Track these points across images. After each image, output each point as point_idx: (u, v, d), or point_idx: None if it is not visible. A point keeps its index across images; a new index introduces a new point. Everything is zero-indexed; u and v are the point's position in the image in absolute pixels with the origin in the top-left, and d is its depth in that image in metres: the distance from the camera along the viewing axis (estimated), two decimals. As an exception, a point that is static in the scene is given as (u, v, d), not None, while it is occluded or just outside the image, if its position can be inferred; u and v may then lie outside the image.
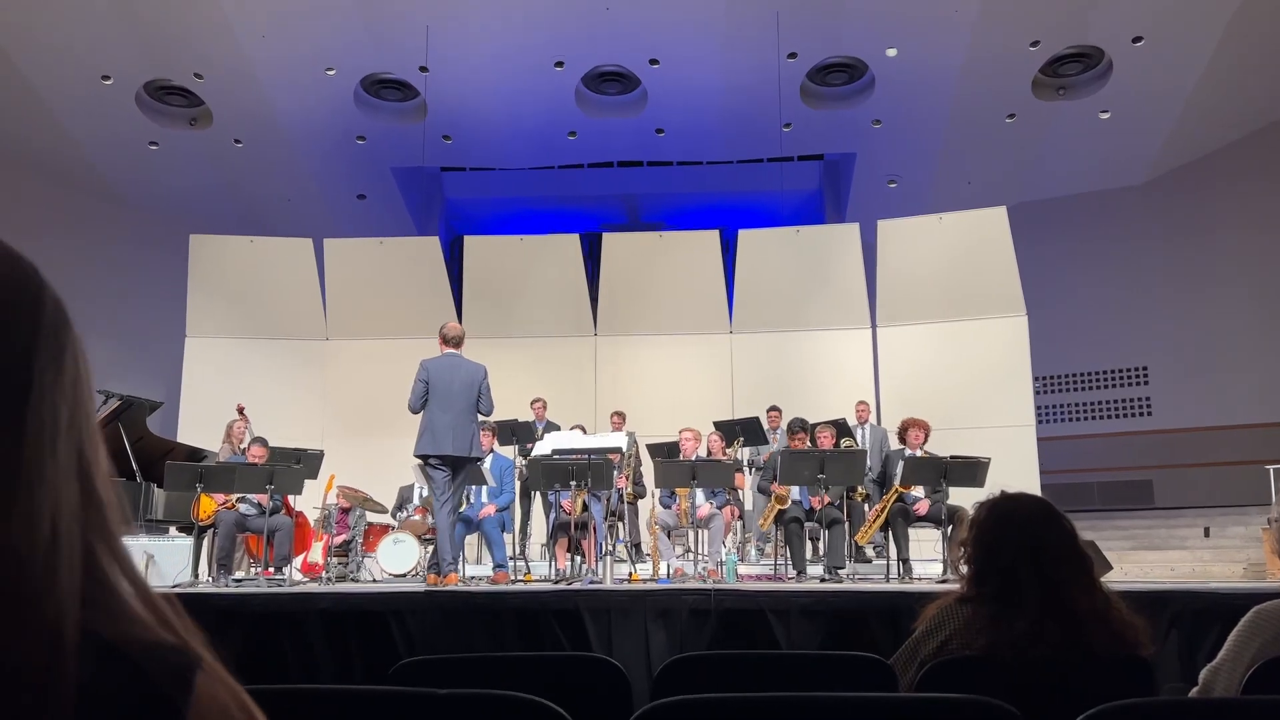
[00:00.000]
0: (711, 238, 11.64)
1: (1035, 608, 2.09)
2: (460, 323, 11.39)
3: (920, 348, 10.79)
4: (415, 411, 6.39)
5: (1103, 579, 6.46)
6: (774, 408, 9.43)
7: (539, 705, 1.19)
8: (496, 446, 8.01)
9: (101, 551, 0.59)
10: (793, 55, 11.64)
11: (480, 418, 6.80)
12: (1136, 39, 11.06)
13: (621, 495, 7.74)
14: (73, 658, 0.54)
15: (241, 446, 8.32)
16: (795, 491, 7.17)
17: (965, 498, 6.77)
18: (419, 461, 6.99)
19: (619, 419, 9.61)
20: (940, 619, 2.19)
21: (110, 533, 0.61)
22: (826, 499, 7.00)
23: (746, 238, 11.44)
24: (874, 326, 11.06)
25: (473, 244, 11.90)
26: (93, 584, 0.58)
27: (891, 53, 11.54)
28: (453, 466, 6.37)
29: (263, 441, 7.78)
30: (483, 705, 1.22)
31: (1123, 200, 13.68)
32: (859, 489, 7.27)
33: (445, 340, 6.60)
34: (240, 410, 8.96)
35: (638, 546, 8.33)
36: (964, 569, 2.24)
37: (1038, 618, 2.08)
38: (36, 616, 0.53)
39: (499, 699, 1.20)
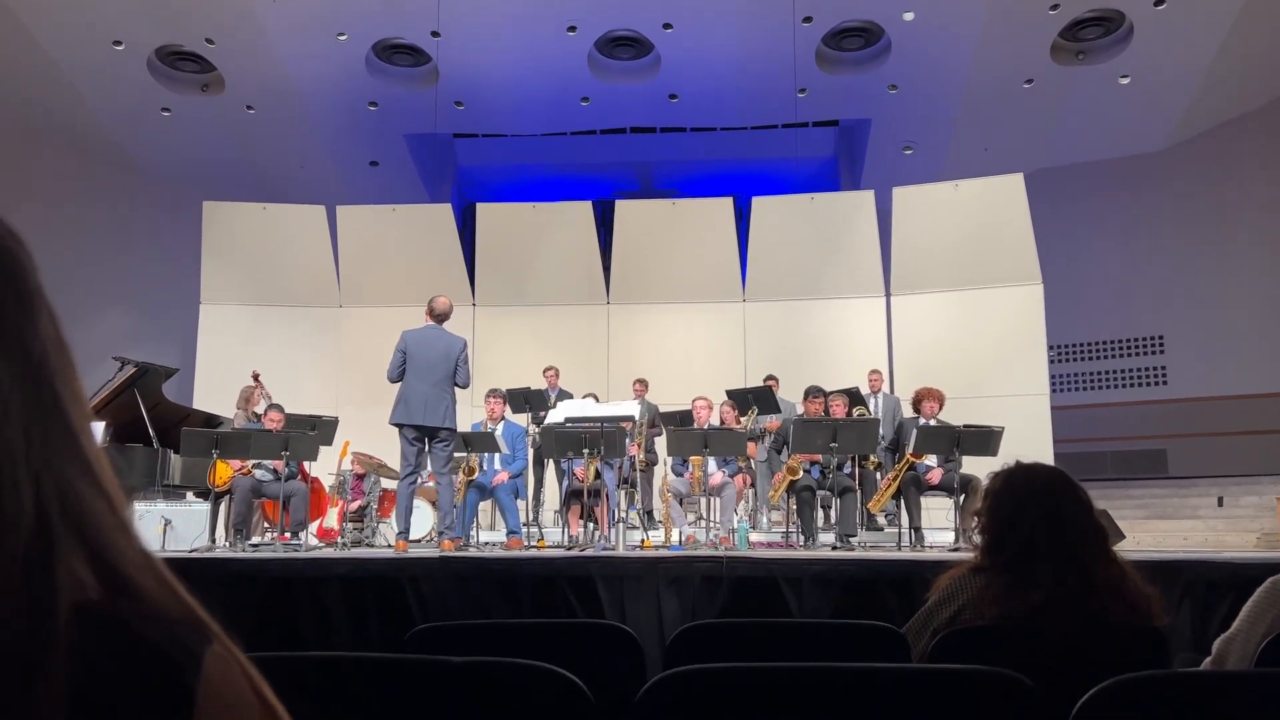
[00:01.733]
0: (725, 205, 11.56)
1: (1050, 578, 2.09)
2: (473, 290, 11.45)
3: (934, 316, 10.73)
4: (393, 381, 6.56)
5: (1115, 548, 6.45)
6: (771, 377, 9.39)
7: (553, 673, 1.20)
8: (509, 414, 8.03)
9: (94, 512, 0.56)
10: (808, 19, 11.48)
11: (498, 398, 6.85)
12: (1158, 2, 10.86)
13: (634, 463, 7.76)
14: (65, 632, 0.50)
15: (257, 412, 8.37)
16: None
17: (979, 467, 6.77)
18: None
19: (641, 386, 9.56)
20: (954, 589, 2.19)
21: (108, 492, 0.58)
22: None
23: (760, 205, 11.36)
24: (888, 295, 11.00)
25: (485, 211, 11.86)
26: (85, 549, 0.55)
27: (908, 17, 11.37)
28: (423, 436, 6.51)
29: (279, 408, 7.82)
30: (496, 673, 1.23)
31: (1141, 167, 13.51)
32: (871, 457, 7.27)
33: (432, 313, 6.75)
34: (255, 377, 9.00)
35: (650, 513, 8.36)
36: (978, 539, 2.24)
37: (1053, 588, 2.07)
38: (13, 585, 0.50)
39: (513, 667, 1.21)
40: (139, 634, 0.53)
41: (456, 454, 7.33)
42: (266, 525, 8.03)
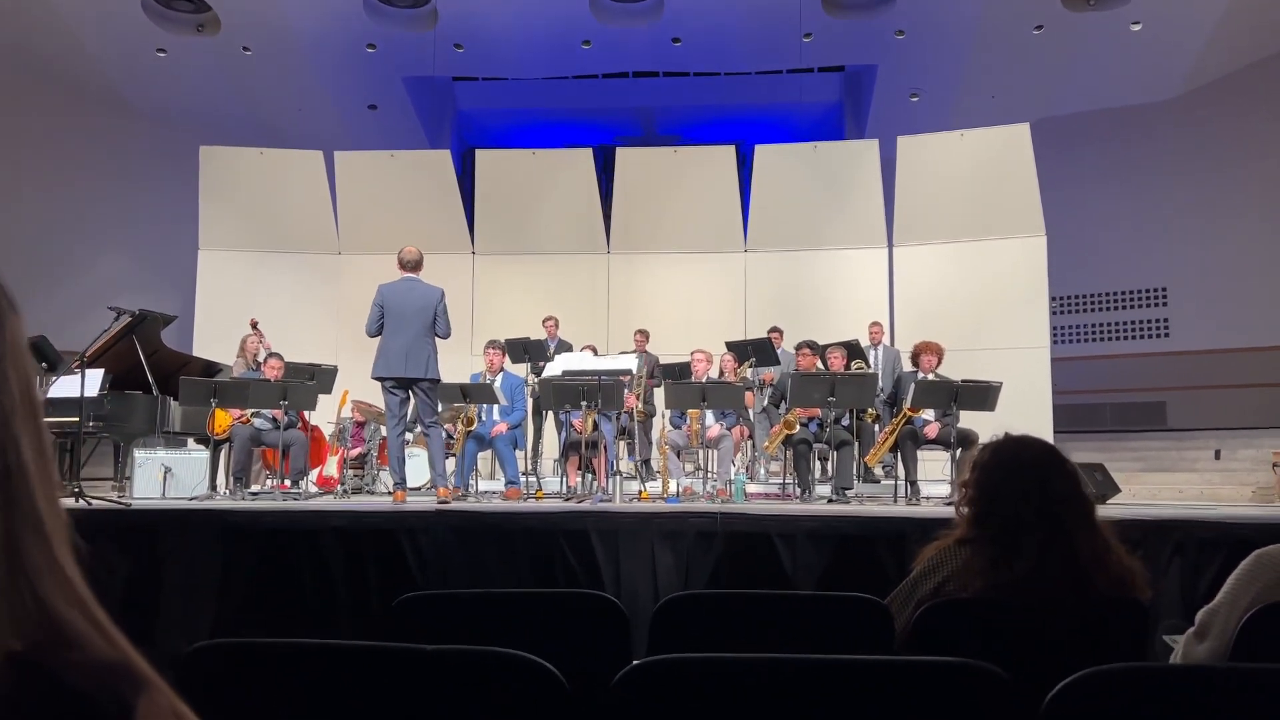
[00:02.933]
0: (727, 153, 11.43)
1: (1035, 551, 2.10)
2: (473, 238, 11.38)
3: (936, 267, 10.68)
4: (371, 335, 6.54)
5: (1109, 501, 6.45)
6: (775, 329, 9.37)
7: (528, 662, 1.20)
8: (508, 365, 8.03)
9: (31, 556, 0.55)
10: (815, -38, 11.26)
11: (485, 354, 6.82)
12: (1174, -54, 10.62)
13: (632, 414, 7.78)
14: None
15: (257, 360, 8.38)
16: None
17: (976, 422, 6.78)
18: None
19: (642, 337, 9.54)
20: (938, 560, 2.20)
21: (43, 531, 0.56)
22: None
23: (763, 153, 11.24)
24: (890, 246, 10.93)
25: (484, 157, 11.74)
26: (18, 595, 0.54)
27: (917, -40, 11.13)
28: (406, 388, 6.51)
29: (279, 356, 7.83)
30: (470, 661, 1.24)
31: (1150, 116, 13.31)
32: (870, 410, 7.28)
33: (402, 264, 6.69)
34: (254, 324, 8.99)
35: (647, 463, 8.40)
36: (964, 510, 2.24)
37: (1037, 561, 2.08)
38: None
39: (487, 656, 1.21)
40: (69, 684, 0.53)
41: (455, 404, 7.35)
42: (267, 473, 8.09)
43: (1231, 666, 1.82)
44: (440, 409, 7.24)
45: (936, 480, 7.74)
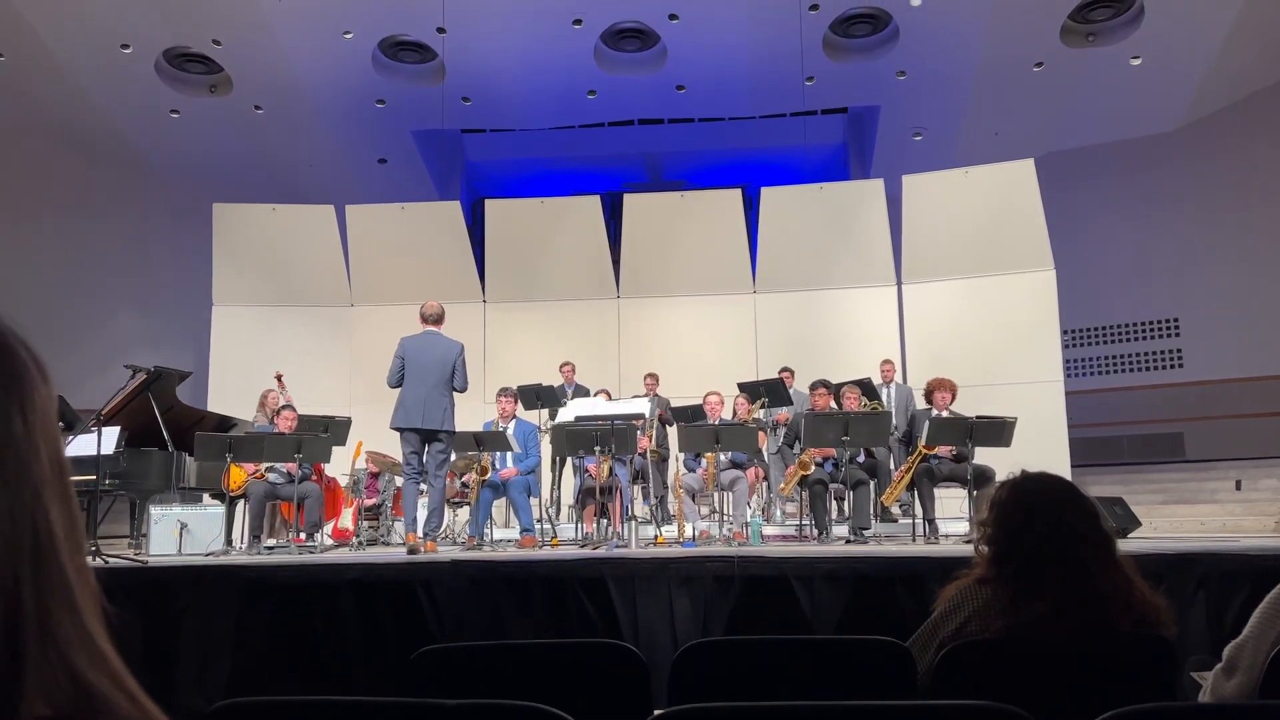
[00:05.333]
0: (734, 196, 11.52)
1: (1056, 589, 2.07)
2: (483, 287, 11.46)
3: (946, 304, 10.67)
4: (392, 387, 6.76)
5: (1130, 535, 6.38)
6: (786, 369, 9.38)
7: (549, 716, 1.19)
8: (520, 412, 8.04)
9: (65, 627, 0.56)
10: (814, 7, 11.41)
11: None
12: (1169, -19, 10.73)
13: (646, 455, 7.75)
14: None
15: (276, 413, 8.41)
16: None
17: (993, 458, 6.74)
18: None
19: (652, 380, 9.56)
20: (959, 600, 2.18)
21: (73, 601, 0.57)
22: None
23: (769, 195, 11.31)
24: (899, 283, 10.95)
25: (494, 207, 11.87)
26: (54, 664, 0.54)
27: (915, 1, 11.27)
28: (423, 439, 6.69)
29: (291, 408, 7.88)
30: (491, 717, 1.22)
31: (1154, 148, 13.37)
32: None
33: (424, 319, 6.91)
34: (279, 378, 9.06)
35: (663, 501, 8.35)
36: (984, 549, 2.23)
37: (1059, 599, 2.06)
38: None
39: (508, 711, 1.20)
40: None
41: (469, 453, 7.36)
42: (286, 526, 8.09)
43: (1265, 705, 1.78)
44: (454, 458, 7.28)
45: (954, 518, 7.68)
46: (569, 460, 8.60)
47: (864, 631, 2.59)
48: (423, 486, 6.81)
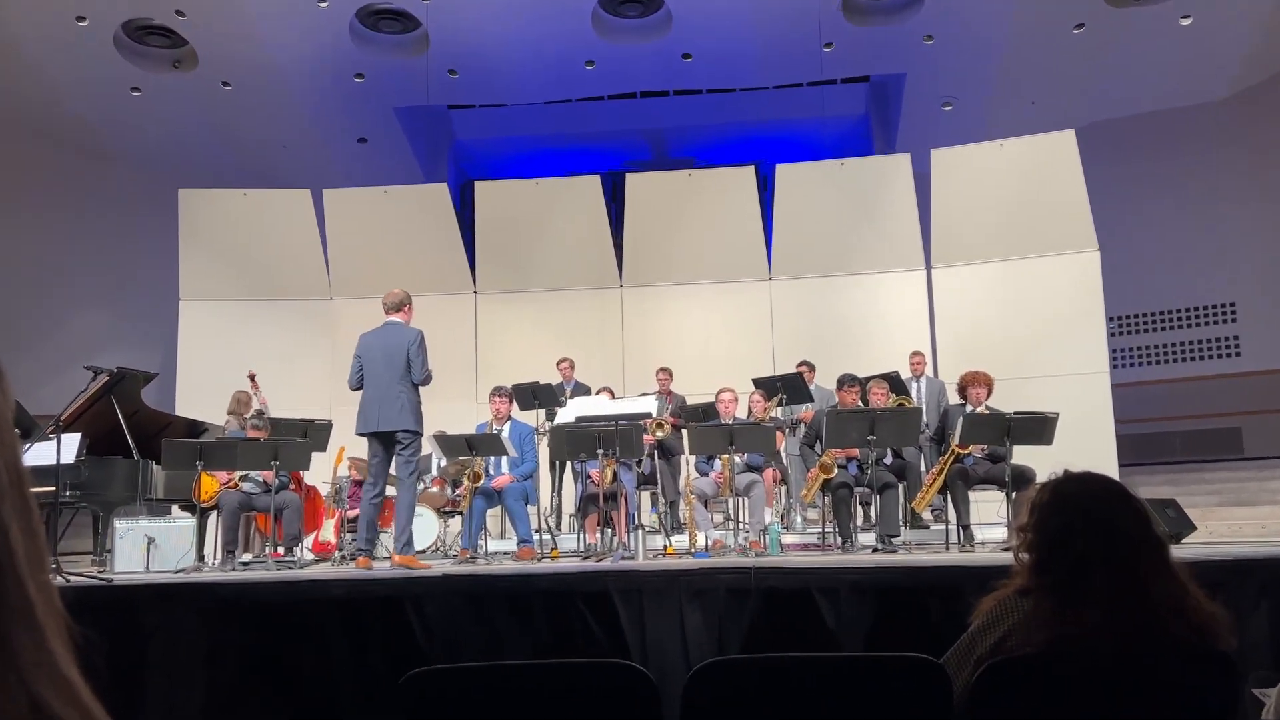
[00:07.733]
0: (746, 174, 11.51)
1: (1104, 598, 2.06)
2: (474, 277, 11.47)
3: (980, 290, 10.66)
4: (353, 389, 6.56)
5: (1183, 540, 6.37)
6: (805, 362, 9.35)
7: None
8: (516, 412, 8.04)
9: (20, 644, 0.56)
10: (832, -34, 11.39)
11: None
12: (1222, -67, 10.68)
13: (653, 453, 7.74)
14: None
15: (246, 417, 8.43)
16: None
17: (1033, 458, 6.73)
18: (435, 432, 7.17)
19: (666, 376, 9.43)
20: (998, 613, 2.17)
21: (34, 622, 0.57)
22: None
23: (785, 173, 11.30)
24: (928, 268, 10.94)
25: (484, 189, 11.87)
26: (5, 687, 0.54)
27: (943, -41, 11.25)
28: (384, 444, 6.45)
29: (259, 416, 7.88)
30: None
31: (1205, 117, 13.31)
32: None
33: (385, 308, 6.70)
34: (251, 377, 9.06)
35: (674, 505, 8.34)
36: (1024, 557, 2.22)
37: (1107, 610, 2.05)
38: None
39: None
40: None
41: (461, 458, 7.36)
42: (262, 539, 8.10)
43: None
44: (444, 463, 7.26)
45: (991, 523, 7.67)
46: (569, 464, 8.59)
47: (893, 648, 2.58)
48: (378, 499, 6.67)
